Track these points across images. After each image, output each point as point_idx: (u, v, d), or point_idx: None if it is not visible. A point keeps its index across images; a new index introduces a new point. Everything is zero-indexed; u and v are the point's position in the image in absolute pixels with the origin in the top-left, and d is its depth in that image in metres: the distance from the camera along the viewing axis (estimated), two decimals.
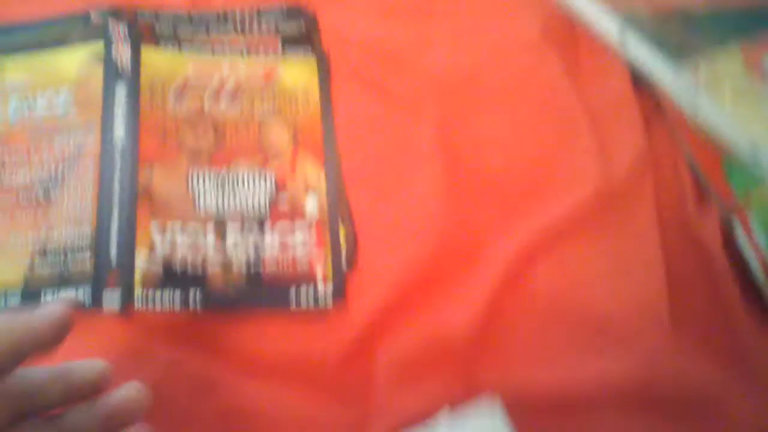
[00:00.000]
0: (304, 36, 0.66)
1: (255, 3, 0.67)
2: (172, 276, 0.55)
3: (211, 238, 0.56)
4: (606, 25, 0.63)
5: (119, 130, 0.58)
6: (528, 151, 0.61)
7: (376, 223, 0.59)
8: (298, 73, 0.64)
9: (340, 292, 0.56)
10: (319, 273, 0.56)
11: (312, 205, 0.59)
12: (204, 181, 0.58)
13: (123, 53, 0.61)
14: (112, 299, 0.53)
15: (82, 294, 0.53)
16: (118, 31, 0.62)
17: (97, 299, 0.53)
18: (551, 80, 0.63)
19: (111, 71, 0.60)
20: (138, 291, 0.54)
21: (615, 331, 0.55)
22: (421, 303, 0.56)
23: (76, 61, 0.61)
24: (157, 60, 0.62)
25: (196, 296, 0.54)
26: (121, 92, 0.60)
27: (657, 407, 0.52)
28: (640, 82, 0.63)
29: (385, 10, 0.67)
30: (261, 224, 0.57)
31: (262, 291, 0.55)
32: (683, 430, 0.51)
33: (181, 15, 0.65)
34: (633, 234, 0.58)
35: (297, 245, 0.57)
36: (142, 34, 0.63)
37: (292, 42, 0.65)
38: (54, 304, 0.43)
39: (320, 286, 0.56)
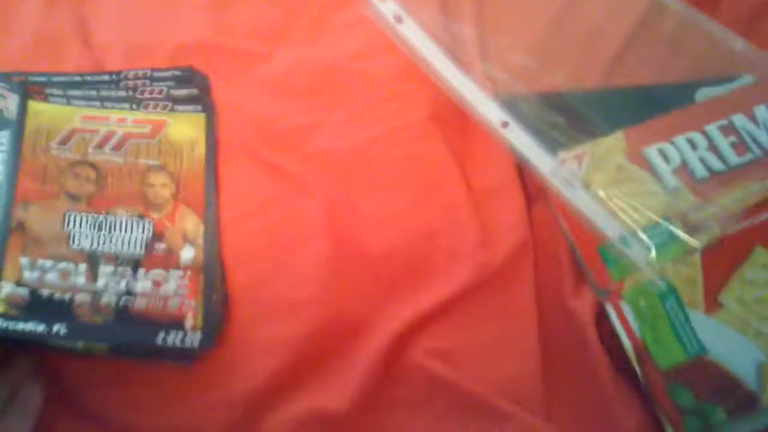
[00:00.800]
0: (194, 96, 0.67)
1: (147, 67, 0.68)
2: (36, 308, 0.55)
3: (81, 276, 0.57)
4: (488, 113, 0.65)
5: None
6: (411, 231, 0.63)
7: (258, 297, 0.60)
8: (185, 129, 0.65)
9: (209, 340, 0.57)
10: (189, 321, 0.57)
11: (188, 255, 0.60)
12: (80, 222, 0.59)
13: (9, 105, 0.61)
14: None
15: None
16: (7, 88, 0.63)
17: None
18: (437, 163, 0.65)
19: None
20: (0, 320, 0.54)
21: (488, 409, 0.56)
22: (298, 380, 0.57)
23: None
24: (44, 111, 0.63)
25: (60, 328, 0.54)
26: (3, 138, 0.60)
27: None
28: (524, 164, 0.65)
29: (278, 89, 0.69)
30: (134, 268, 0.58)
31: (130, 330, 0.56)
32: None
33: (73, 77, 0.66)
34: (510, 315, 0.60)
35: (169, 292, 0.58)
36: (31, 91, 0.63)
37: (181, 101, 0.66)
38: None
39: (189, 334, 0.56)
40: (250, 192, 0.64)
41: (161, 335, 0.56)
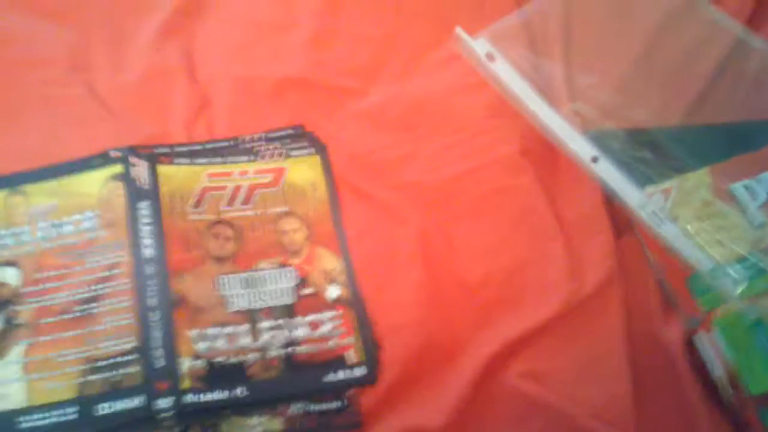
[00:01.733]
0: (307, 141, 0.70)
1: (260, 126, 0.72)
2: (216, 377, 0.58)
3: (246, 336, 0.60)
4: (578, 148, 0.67)
5: (147, 245, 0.62)
6: (503, 261, 0.65)
7: None
8: (304, 171, 0.69)
9: (372, 374, 0.59)
10: (351, 356, 0.60)
11: (334, 294, 0.63)
12: (232, 284, 0.62)
13: (141, 172, 0.65)
14: (165, 406, 0.56)
15: (137, 403, 0.56)
16: (136, 158, 0.66)
17: (151, 407, 0.56)
18: (527, 195, 0.68)
19: (132, 190, 0.64)
20: (187, 396, 0.57)
21: (582, 430, 0.57)
22: (395, 400, 0.59)
23: (98, 183, 0.65)
24: (173, 174, 0.66)
25: (240, 391, 0.57)
26: (143, 209, 0.64)
27: None
28: (613, 197, 0.67)
29: (372, 123, 0.72)
30: (290, 317, 0.61)
31: (299, 378, 0.59)
32: None
33: (194, 146, 0.70)
34: (601, 340, 0.62)
35: (327, 332, 0.61)
36: (158, 157, 0.67)
37: (296, 147, 0.70)
38: None
39: (353, 369, 0.59)
40: (347, 220, 0.67)
41: (329, 375, 0.58)
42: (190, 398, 0.57)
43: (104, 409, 0.56)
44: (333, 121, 0.72)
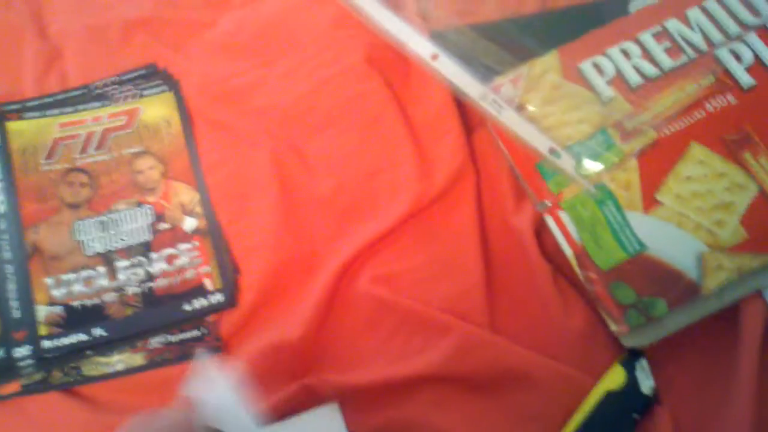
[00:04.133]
0: (159, 80, 0.71)
1: (113, 72, 0.72)
2: (73, 321, 0.59)
3: (103, 277, 0.61)
4: (418, 47, 0.66)
5: None
6: (355, 170, 0.65)
7: None
8: (157, 109, 0.69)
9: (230, 298, 0.60)
10: (208, 284, 0.61)
11: (190, 225, 0.63)
12: (87, 228, 0.63)
13: None
14: (23, 354, 0.58)
15: None
16: None
17: (9, 356, 0.57)
18: (376, 103, 0.67)
19: None
20: (45, 342, 0.58)
21: (434, 326, 0.58)
22: (259, 321, 0.60)
23: None
24: (23, 130, 0.67)
25: (99, 331, 0.59)
26: None
27: (473, 386, 0.56)
28: (457, 93, 0.66)
29: (223, 52, 0.72)
30: (147, 254, 0.62)
31: (158, 312, 0.60)
32: (496, 401, 0.56)
33: (44, 99, 0.70)
34: (451, 237, 0.62)
35: (184, 264, 0.62)
36: (6, 114, 0.67)
37: (148, 87, 0.70)
38: None
39: (210, 296, 0.61)
40: (202, 152, 0.67)
41: (186, 305, 0.60)
42: (48, 344, 0.58)
43: None
44: (184, 55, 0.72)
